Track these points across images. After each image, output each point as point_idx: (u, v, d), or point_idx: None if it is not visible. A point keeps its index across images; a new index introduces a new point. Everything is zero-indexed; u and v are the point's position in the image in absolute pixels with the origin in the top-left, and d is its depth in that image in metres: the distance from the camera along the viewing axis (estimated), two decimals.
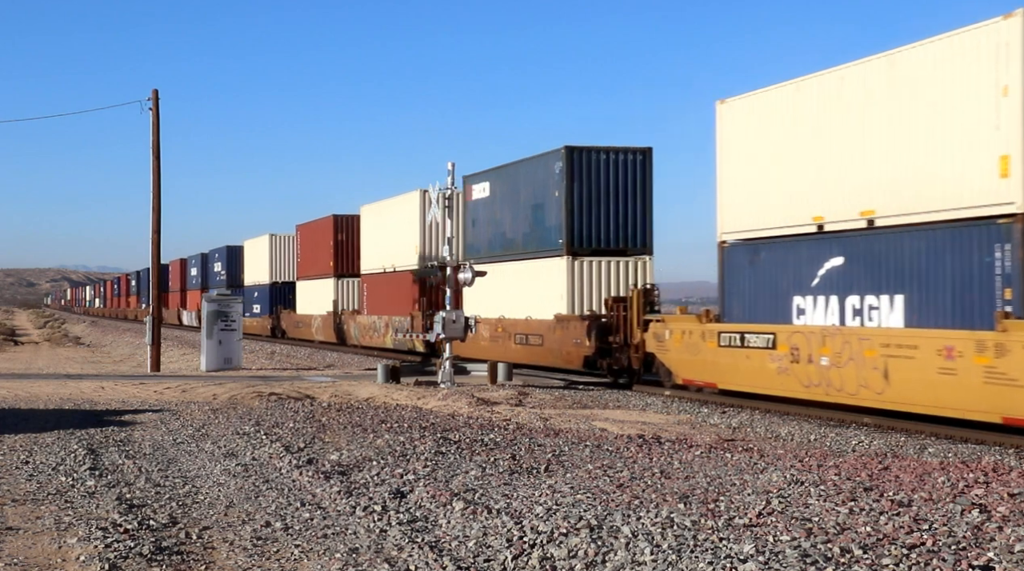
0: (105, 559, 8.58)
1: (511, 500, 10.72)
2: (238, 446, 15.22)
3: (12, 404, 21.70)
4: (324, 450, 14.61)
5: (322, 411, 20.13)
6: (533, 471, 12.63)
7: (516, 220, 33.39)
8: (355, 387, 26.06)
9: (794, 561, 7.90)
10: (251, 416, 19.26)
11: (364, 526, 9.82)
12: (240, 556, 8.84)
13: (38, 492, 11.76)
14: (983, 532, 8.84)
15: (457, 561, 8.39)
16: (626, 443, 15.24)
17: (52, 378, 29.06)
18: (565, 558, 8.35)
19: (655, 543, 8.56)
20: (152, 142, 34.11)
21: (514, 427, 17.76)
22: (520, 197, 33.15)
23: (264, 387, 25.59)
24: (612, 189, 30.68)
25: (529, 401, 22.98)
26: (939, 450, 16.66)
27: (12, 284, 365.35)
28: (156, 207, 34.19)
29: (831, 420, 20.52)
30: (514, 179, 33.67)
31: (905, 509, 9.80)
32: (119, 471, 13.22)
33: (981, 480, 11.57)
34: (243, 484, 12.17)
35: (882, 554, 8.11)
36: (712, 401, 23.90)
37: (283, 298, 61.83)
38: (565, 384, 28.64)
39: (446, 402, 22.21)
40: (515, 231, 33.45)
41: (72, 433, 16.81)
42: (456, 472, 12.50)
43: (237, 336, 34.60)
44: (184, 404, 22.13)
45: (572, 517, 9.66)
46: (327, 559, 8.64)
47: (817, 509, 9.91)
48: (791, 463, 13.25)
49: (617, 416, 20.70)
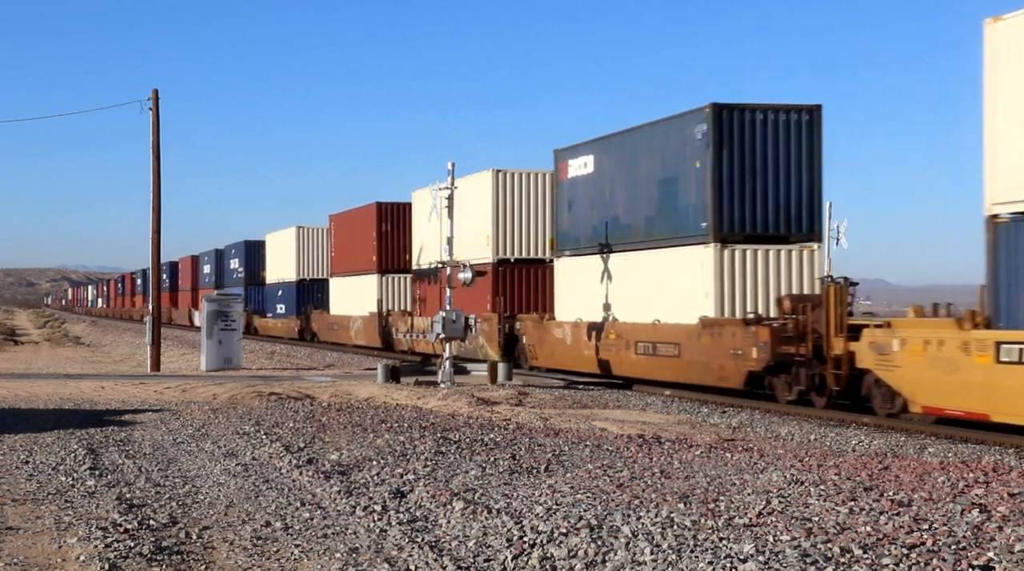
0: (105, 559, 8.58)
1: (511, 500, 10.72)
2: (238, 446, 15.22)
3: (12, 404, 21.70)
4: (324, 450, 14.61)
5: (322, 411, 20.13)
6: (533, 471, 12.63)
7: (635, 200, 27.24)
8: (355, 387, 26.06)
9: (794, 561, 7.90)
10: (251, 416, 19.26)
11: (364, 526, 9.82)
12: (240, 556, 8.84)
13: (38, 492, 11.76)
14: (983, 532, 8.84)
15: (457, 561, 8.39)
16: (626, 443, 15.24)
17: (52, 378, 29.05)
18: (565, 558, 8.35)
19: (655, 543, 8.56)
20: (152, 142, 34.11)
21: (514, 427, 17.76)
22: (640, 171, 27.01)
23: (264, 387, 25.58)
24: (772, 158, 24.64)
25: (529, 401, 22.98)
26: (939, 450, 16.66)
27: (12, 284, 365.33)
28: (156, 207, 34.19)
29: (831, 420, 20.52)
30: (631, 149, 27.50)
31: (905, 509, 9.81)
32: (119, 471, 13.22)
33: (981, 480, 11.58)
34: (243, 484, 12.17)
35: (882, 554, 8.11)
36: (712, 401, 23.87)
37: (312, 297, 55.93)
38: (565, 384, 28.62)
39: (446, 402, 22.21)
40: (633, 214, 27.32)
41: (72, 433, 16.81)
42: (456, 472, 12.50)
43: (237, 336, 34.57)
44: (184, 404, 22.13)
45: (572, 517, 9.66)
46: (327, 559, 8.64)
47: (817, 509, 9.91)
48: (791, 463, 13.26)
49: (617, 416, 20.70)
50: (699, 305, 24.36)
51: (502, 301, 33.40)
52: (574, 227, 30.09)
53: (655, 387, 26.23)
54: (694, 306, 24.52)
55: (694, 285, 24.67)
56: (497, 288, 33.86)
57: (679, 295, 25.16)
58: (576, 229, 29.99)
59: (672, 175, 25.72)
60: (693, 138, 24.88)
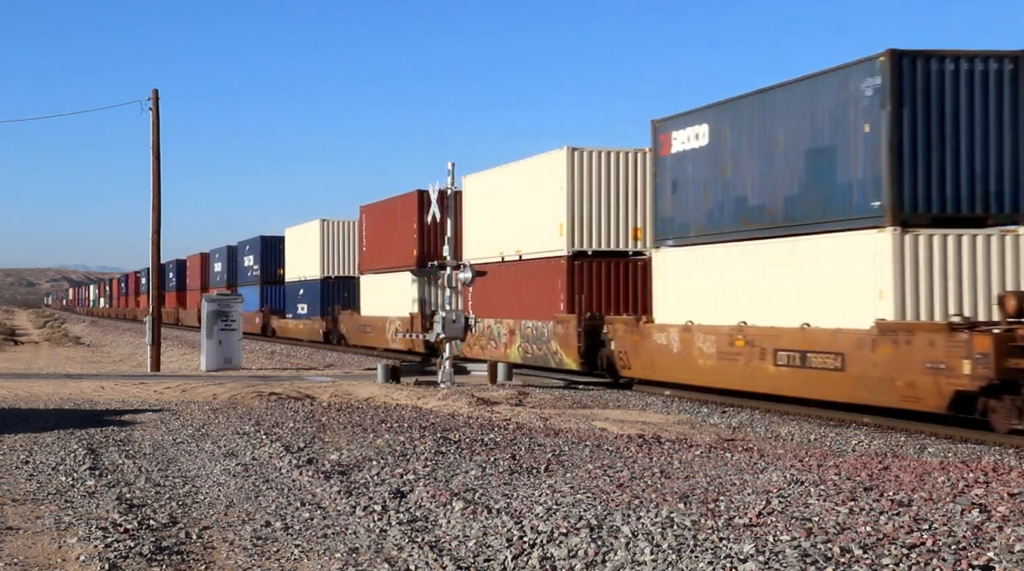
0: (105, 559, 8.58)
1: (511, 500, 10.72)
2: (238, 446, 15.22)
3: (12, 404, 21.71)
4: (324, 450, 14.62)
5: (322, 411, 20.14)
6: (533, 471, 12.63)
7: (770, 176, 22.22)
8: (355, 387, 26.06)
9: (794, 561, 7.90)
10: (251, 416, 19.26)
11: (364, 526, 9.82)
12: (240, 556, 8.85)
13: (38, 492, 11.76)
14: (983, 532, 8.84)
15: (457, 561, 8.39)
16: (626, 443, 15.25)
17: (52, 378, 29.05)
18: (565, 558, 8.35)
19: (655, 543, 8.56)
20: (152, 142, 34.12)
21: (514, 427, 17.76)
22: (778, 141, 22.04)
23: (264, 387, 25.59)
24: (966, 120, 19.53)
25: (529, 401, 22.98)
26: (939, 450, 16.66)
27: (12, 284, 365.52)
28: (156, 207, 34.20)
29: (831, 420, 20.51)
30: (765, 115, 22.51)
31: (905, 509, 9.81)
32: (119, 471, 13.22)
33: (981, 480, 11.58)
34: (243, 484, 12.18)
35: (882, 554, 8.11)
36: (712, 401, 23.88)
37: (338, 296, 51.94)
38: (565, 384, 28.60)
39: (446, 402, 22.22)
40: (767, 193, 22.30)
41: (72, 433, 16.82)
42: (456, 472, 12.50)
43: (237, 336, 34.59)
44: (184, 404, 22.13)
45: (572, 517, 9.66)
46: (327, 559, 8.64)
47: (817, 509, 9.91)
48: (791, 463, 13.26)
49: (617, 416, 20.70)
50: (869, 306, 19.45)
51: (582, 300, 28.60)
52: (680, 212, 25.12)
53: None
54: (861, 307, 19.61)
55: (862, 280, 19.77)
56: (573, 285, 29.37)
57: (838, 293, 20.25)
58: (683, 214, 25.02)
59: (826, 144, 20.79)
60: (859, 96, 20.02)
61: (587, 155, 29.79)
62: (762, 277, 22.22)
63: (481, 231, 35.24)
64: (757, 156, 22.64)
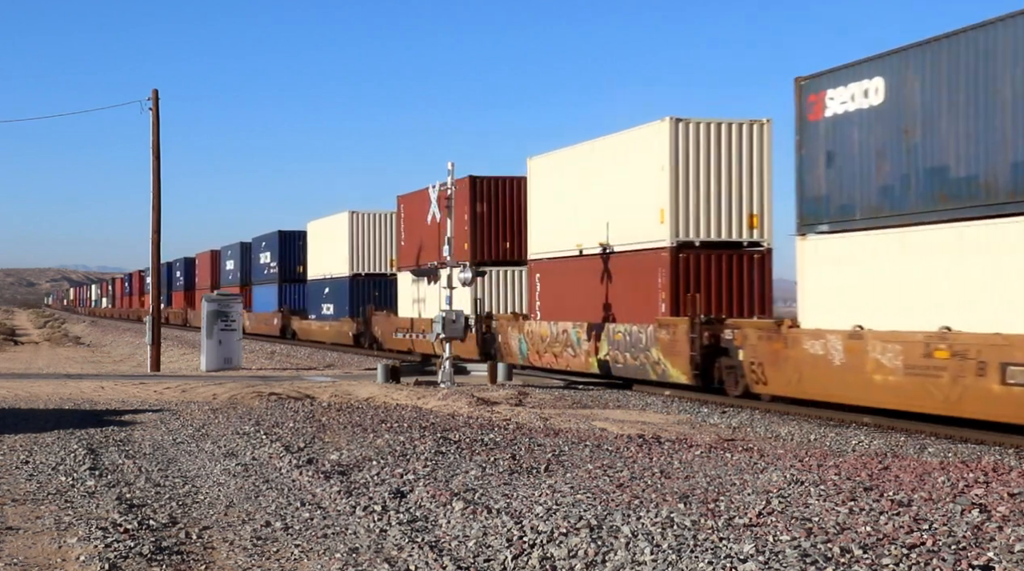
0: (105, 559, 8.58)
1: (511, 500, 10.72)
2: (238, 446, 15.22)
3: (12, 404, 21.71)
4: (324, 450, 14.62)
5: (322, 411, 20.14)
6: (533, 471, 12.63)
7: (985, 139, 17.33)
8: (355, 387, 26.06)
9: (794, 561, 7.90)
10: (251, 416, 19.26)
11: (364, 526, 9.82)
12: (240, 556, 8.85)
13: (38, 492, 11.76)
14: (983, 532, 8.84)
15: (457, 561, 8.39)
16: (626, 443, 15.25)
17: (52, 378, 29.06)
18: (565, 558, 8.35)
19: (655, 543, 8.56)
20: (152, 142, 34.13)
21: (514, 427, 17.76)
22: (999, 91, 17.08)
23: (264, 387, 25.59)
24: None
25: (529, 401, 22.98)
26: (939, 450, 16.66)
27: (12, 284, 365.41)
28: (156, 207, 34.21)
29: (831, 420, 20.50)
30: (975, 59, 17.57)
31: (905, 509, 9.81)
32: (119, 471, 13.22)
33: (981, 480, 11.57)
34: (243, 484, 12.18)
35: (882, 554, 8.11)
36: (712, 401, 23.86)
37: (369, 295, 47.65)
38: (565, 384, 28.59)
39: (446, 402, 22.22)
40: (981, 161, 17.40)
41: (72, 433, 16.82)
42: (456, 472, 12.50)
43: (237, 336, 34.60)
44: (184, 404, 22.14)
45: (572, 517, 9.66)
46: (327, 559, 8.64)
47: (817, 509, 9.91)
48: (791, 463, 13.26)
49: (617, 416, 20.71)
50: None
51: (696, 300, 24.30)
52: (840, 189, 20.39)
53: (658, 388, 21.41)
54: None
55: None
56: (678, 282, 25.17)
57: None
58: (844, 192, 20.30)
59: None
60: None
61: (694, 127, 25.66)
62: (977, 270, 17.41)
63: (551, 220, 30.68)
64: (964, 113, 17.78)
